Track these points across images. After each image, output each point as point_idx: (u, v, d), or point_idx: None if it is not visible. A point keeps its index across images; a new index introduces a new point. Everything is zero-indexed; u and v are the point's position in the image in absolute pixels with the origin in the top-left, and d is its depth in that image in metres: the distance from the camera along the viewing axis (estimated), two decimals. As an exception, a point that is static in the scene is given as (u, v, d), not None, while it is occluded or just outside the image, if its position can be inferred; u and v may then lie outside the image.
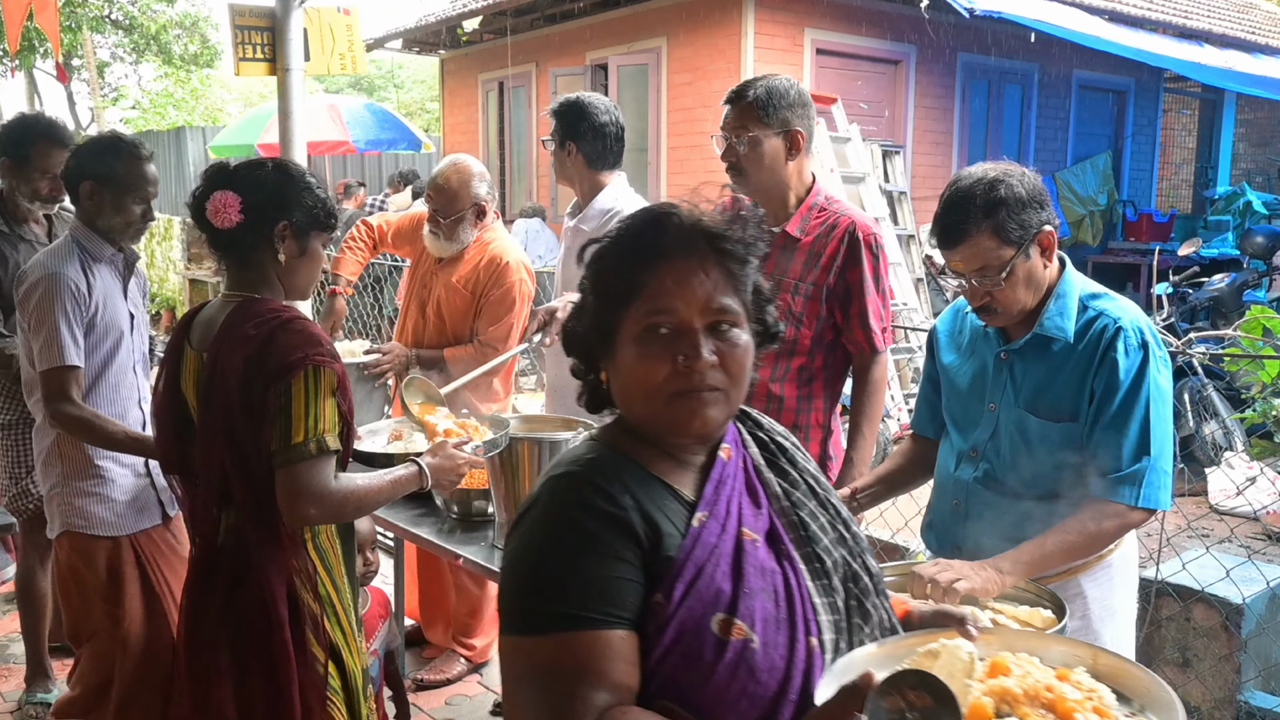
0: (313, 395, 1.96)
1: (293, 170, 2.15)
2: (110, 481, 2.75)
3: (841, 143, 8.85)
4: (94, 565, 2.72)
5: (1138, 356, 1.94)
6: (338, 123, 12.17)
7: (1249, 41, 11.38)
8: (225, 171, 2.08)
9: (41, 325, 2.62)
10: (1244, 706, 2.97)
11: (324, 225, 2.15)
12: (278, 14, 5.33)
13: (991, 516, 2.05)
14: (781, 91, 2.63)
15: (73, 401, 2.62)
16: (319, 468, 1.97)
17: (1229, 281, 8.88)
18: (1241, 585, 3.02)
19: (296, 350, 1.97)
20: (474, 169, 3.50)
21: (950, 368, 2.23)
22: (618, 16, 10.12)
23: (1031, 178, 1.98)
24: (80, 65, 18.77)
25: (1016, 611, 1.86)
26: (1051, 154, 11.41)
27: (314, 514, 2.00)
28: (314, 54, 5.59)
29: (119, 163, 2.72)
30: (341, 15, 5.74)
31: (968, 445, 2.14)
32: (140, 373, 2.91)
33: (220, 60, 19.74)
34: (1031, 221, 1.94)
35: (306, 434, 1.94)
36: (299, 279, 2.16)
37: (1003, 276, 1.94)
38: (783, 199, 2.69)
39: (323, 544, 2.16)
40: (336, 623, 2.16)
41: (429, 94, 27.13)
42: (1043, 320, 2.00)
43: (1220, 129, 13.65)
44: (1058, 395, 2.00)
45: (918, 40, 9.80)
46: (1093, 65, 11.16)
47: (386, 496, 2.18)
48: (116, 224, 2.76)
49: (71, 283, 2.65)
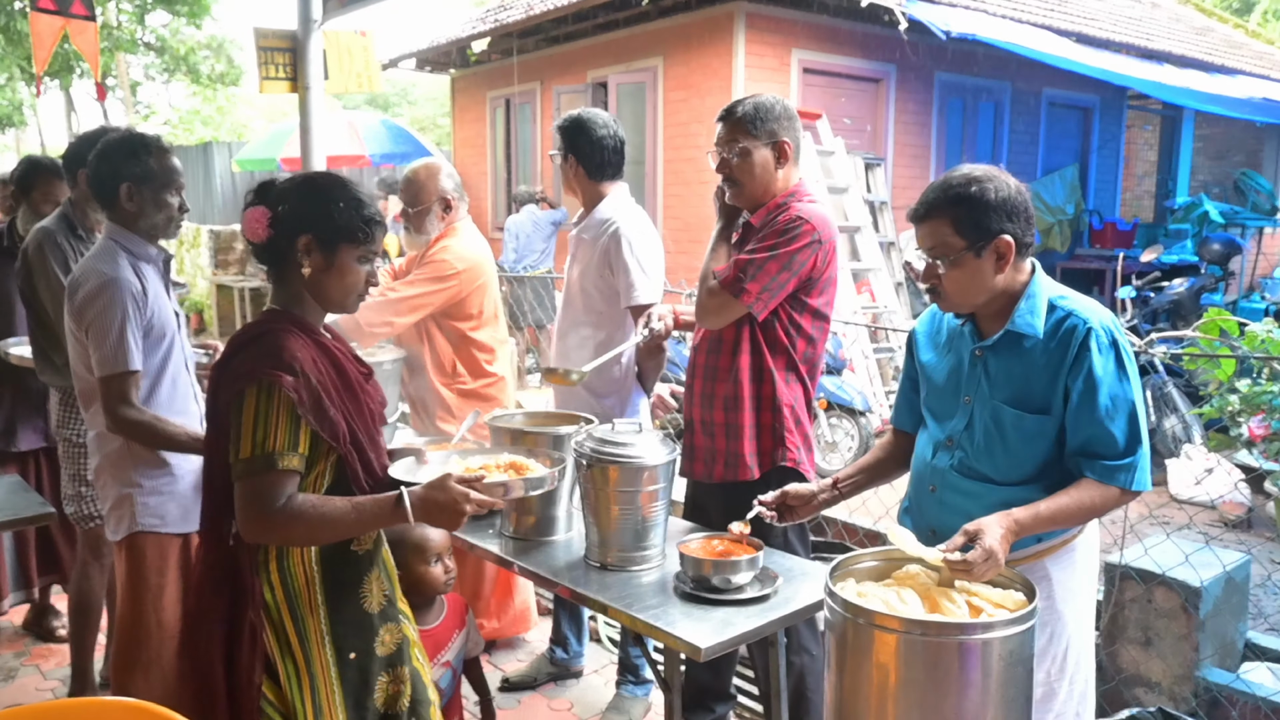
0: (263, 411, 1.80)
1: (321, 182, 1.96)
2: (180, 478, 2.66)
3: (826, 155, 8.85)
4: (167, 563, 2.64)
5: (1111, 354, 1.97)
6: (354, 137, 12.17)
7: (1206, 62, 11.39)
8: (264, 186, 1.95)
9: (106, 332, 2.48)
10: (1201, 682, 2.97)
11: (354, 238, 1.93)
12: (299, 36, 5.33)
13: (963, 500, 2.08)
14: (768, 106, 2.66)
15: (134, 405, 2.51)
16: (264, 485, 1.79)
17: (1188, 286, 8.88)
18: (1199, 569, 3.02)
19: (252, 362, 1.83)
20: (441, 167, 3.48)
21: (928, 365, 2.24)
22: (617, 38, 10.12)
23: (1013, 190, 2.00)
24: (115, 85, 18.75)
25: (990, 594, 1.87)
26: (1022, 167, 11.40)
27: (259, 533, 1.82)
28: (333, 73, 5.59)
29: (151, 159, 2.61)
30: (359, 37, 5.74)
31: (944, 435, 2.16)
32: (191, 369, 2.80)
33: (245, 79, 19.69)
34: (991, 225, 1.97)
35: (254, 449, 1.79)
36: (330, 293, 1.96)
37: (948, 262, 1.99)
38: (765, 203, 2.71)
39: (290, 567, 1.89)
40: (289, 654, 1.88)
41: (440, 110, 27.09)
42: (1014, 318, 2.02)
43: (1180, 144, 13.65)
44: (1030, 388, 2.02)
45: (898, 60, 9.80)
46: (1061, 84, 11.16)
47: (348, 527, 1.86)
48: (160, 220, 2.65)
49: (131, 286, 2.52)
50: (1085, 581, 2.15)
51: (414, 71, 13.54)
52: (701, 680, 2.96)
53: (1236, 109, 10.82)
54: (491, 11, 12.71)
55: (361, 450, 1.93)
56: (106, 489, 2.66)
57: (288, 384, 1.79)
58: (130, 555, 2.63)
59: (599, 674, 3.66)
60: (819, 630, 2.71)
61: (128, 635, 2.66)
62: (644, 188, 9.84)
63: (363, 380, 2.02)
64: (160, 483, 2.63)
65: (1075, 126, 12.19)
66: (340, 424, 1.87)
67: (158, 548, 2.63)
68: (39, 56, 5.62)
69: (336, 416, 1.86)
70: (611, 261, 3.10)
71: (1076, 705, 2.13)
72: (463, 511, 1.85)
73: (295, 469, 1.82)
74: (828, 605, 1.86)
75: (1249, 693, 2.89)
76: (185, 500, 2.67)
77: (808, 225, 2.61)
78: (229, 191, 14.39)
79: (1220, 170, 14.07)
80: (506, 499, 2.04)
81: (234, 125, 24.60)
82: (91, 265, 2.56)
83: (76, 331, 2.56)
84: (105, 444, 2.64)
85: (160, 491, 2.63)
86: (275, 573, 1.87)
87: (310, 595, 1.89)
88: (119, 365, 2.48)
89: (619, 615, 2.16)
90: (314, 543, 1.88)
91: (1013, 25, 9.11)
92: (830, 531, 4.08)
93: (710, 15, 9.09)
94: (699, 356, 2.82)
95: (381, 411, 2.08)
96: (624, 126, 3.27)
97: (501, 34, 11.05)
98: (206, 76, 19.30)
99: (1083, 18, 11.04)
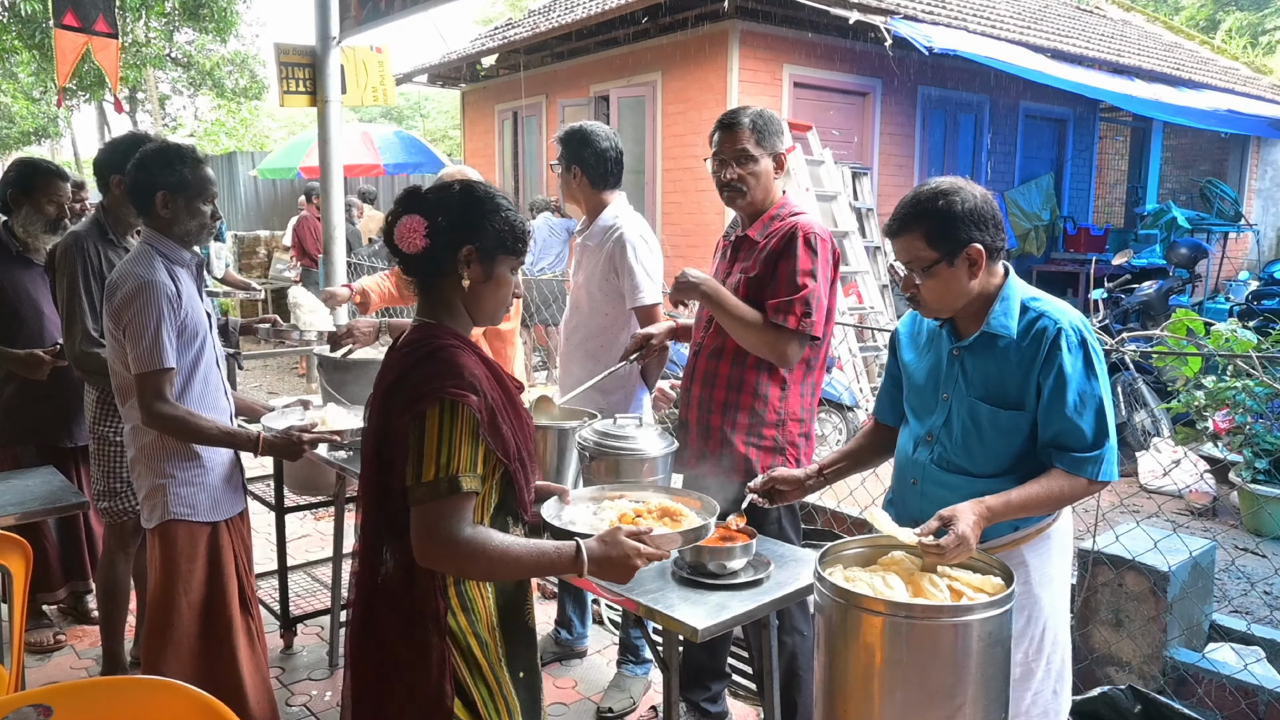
0: (447, 431, 1.64)
1: (480, 192, 1.80)
2: (210, 470, 2.69)
3: (816, 165, 8.85)
4: (196, 550, 2.66)
5: (1080, 353, 1.97)
6: (370, 148, 12.17)
7: (1174, 76, 11.38)
8: (414, 195, 1.79)
9: (142, 331, 2.49)
10: (1169, 661, 2.97)
11: (512, 249, 1.80)
12: (318, 52, 5.34)
13: (943, 492, 2.08)
14: (769, 118, 2.67)
15: (168, 401, 2.53)
16: (449, 510, 1.64)
17: (1157, 288, 8.88)
18: (1167, 555, 3.02)
19: (433, 381, 1.66)
20: (471, 175, 3.46)
21: (909, 364, 2.24)
22: (618, 54, 10.11)
23: (979, 200, 1.99)
24: (144, 98, 18.73)
25: (970, 579, 1.87)
26: (1001, 175, 11.41)
27: (438, 559, 1.66)
28: (350, 87, 5.60)
29: (186, 169, 2.60)
30: (374, 53, 5.74)
31: (924, 431, 2.16)
32: (222, 367, 2.81)
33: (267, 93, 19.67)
34: (961, 235, 1.96)
35: (438, 471, 1.63)
36: (485, 304, 1.82)
37: (922, 273, 1.99)
38: (761, 212, 2.71)
39: (468, 590, 1.74)
40: (480, 677, 1.74)
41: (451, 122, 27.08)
42: (989, 320, 2.02)
43: (1149, 153, 13.64)
44: (1004, 386, 2.02)
45: (883, 75, 9.79)
46: (1037, 97, 11.16)
47: (527, 568, 1.73)
48: (193, 227, 2.64)
49: (166, 289, 2.54)
50: (1060, 567, 2.14)
51: (426, 86, 13.52)
52: (698, 660, 2.96)
53: (1202, 121, 10.83)
54: (500, 29, 12.72)
55: (525, 466, 1.81)
56: (141, 479, 2.68)
57: (473, 404, 1.66)
58: (163, 542, 2.65)
59: (601, 654, 3.66)
60: (810, 612, 2.71)
61: (159, 617, 2.67)
62: (644, 196, 9.84)
63: (518, 395, 1.88)
64: (192, 474, 2.65)
65: (1050, 137, 12.19)
66: (511, 441, 1.75)
67: (189, 535, 2.65)
68: (61, 71, 5.62)
69: (507, 433, 1.74)
70: (617, 266, 3.09)
71: (1054, 684, 2.13)
72: (635, 567, 1.74)
73: (476, 490, 1.68)
74: (817, 589, 1.87)
75: (1214, 671, 2.90)
76: (215, 491, 2.70)
77: (824, 239, 2.63)
78: (252, 199, 14.38)
79: (1187, 179, 14.07)
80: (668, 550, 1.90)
81: (256, 136, 24.56)
82: (129, 269, 2.57)
83: (114, 331, 2.57)
84: (140, 437, 2.65)
85: (192, 482, 2.65)
86: (455, 596, 1.72)
87: (487, 616, 1.77)
88: (154, 363, 2.50)
89: (620, 599, 2.16)
90: (489, 578, 1.75)
91: (992, 42, 9.10)
92: (820, 520, 4.09)
93: (706, 33, 9.09)
94: (698, 363, 2.79)
95: (533, 427, 1.95)
96: (625, 138, 3.28)
97: (509, 50, 11.04)
98: (231, 90, 19.28)
99: (1057, 34, 11.04)
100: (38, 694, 1.60)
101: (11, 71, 17.69)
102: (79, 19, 5.52)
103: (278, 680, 3.45)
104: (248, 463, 2.96)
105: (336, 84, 5.37)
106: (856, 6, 8.24)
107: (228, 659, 2.71)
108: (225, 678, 2.67)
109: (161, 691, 1.65)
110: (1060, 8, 13.52)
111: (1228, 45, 16.96)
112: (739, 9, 8.59)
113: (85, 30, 5.57)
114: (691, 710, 3.00)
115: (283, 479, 3.66)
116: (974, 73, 9.89)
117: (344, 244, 5.66)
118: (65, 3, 5.49)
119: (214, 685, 2.11)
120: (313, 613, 3.83)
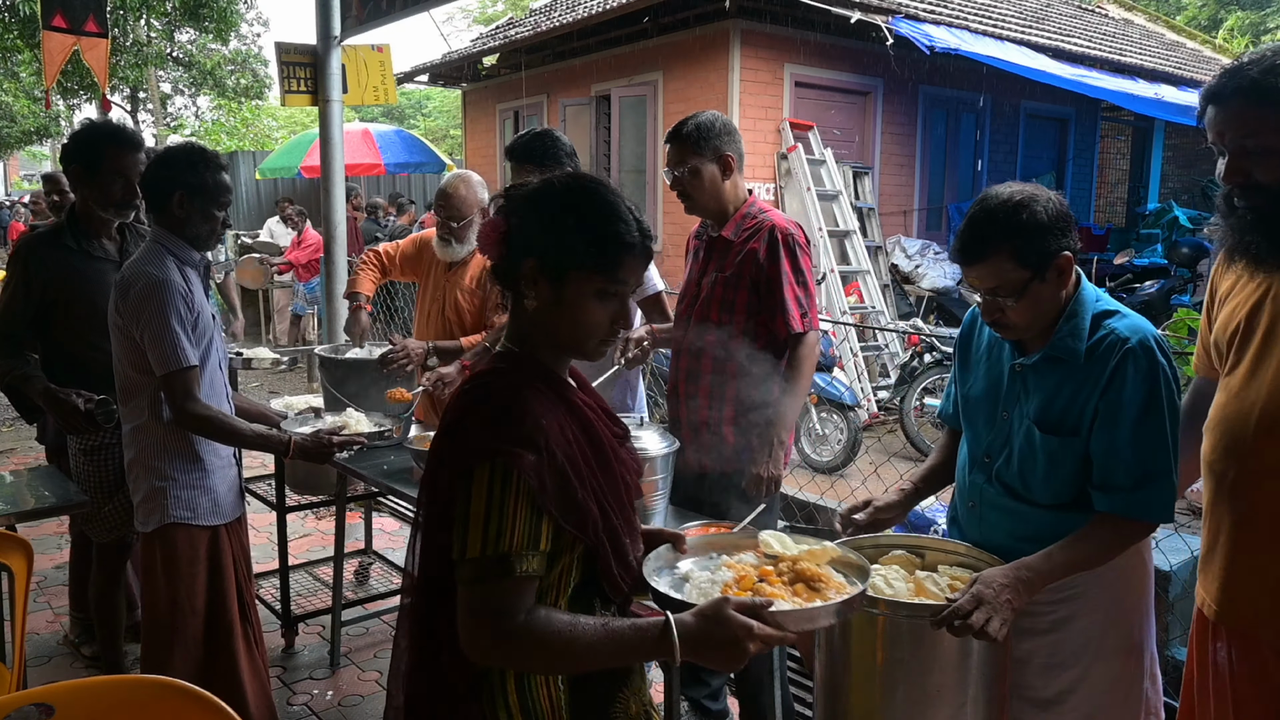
0: (497, 499, 1.30)
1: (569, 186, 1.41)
2: (211, 473, 2.65)
3: (817, 164, 8.85)
4: (197, 554, 2.62)
5: (1146, 376, 1.76)
6: (371, 147, 12.19)
7: (1176, 75, 11.37)
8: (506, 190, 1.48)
9: (162, 332, 2.45)
10: (1171, 660, 2.96)
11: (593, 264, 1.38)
12: (319, 52, 5.34)
13: (1002, 520, 1.91)
14: (709, 124, 2.73)
15: (198, 400, 2.50)
16: (499, 595, 1.30)
17: (1158, 287, 8.88)
18: (1169, 555, 3.02)
19: (484, 436, 1.33)
20: (477, 179, 3.49)
21: (968, 373, 2.06)
22: (619, 53, 10.11)
23: (1056, 203, 1.79)
24: (146, 98, 18.75)
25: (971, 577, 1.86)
26: (1002, 175, 11.39)
27: (484, 652, 1.32)
28: (351, 86, 5.61)
29: (207, 174, 2.57)
30: (376, 53, 5.74)
31: (981, 450, 1.97)
32: (224, 368, 2.77)
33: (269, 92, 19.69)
34: (1051, 247, 1.76)
35: (485, 547, 1.29)
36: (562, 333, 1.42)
37: (1015, 298, 1.77)
38: (723, 211, 2.77)
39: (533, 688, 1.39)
40: None
41: (452, 121, 27.09)
42: (1054, 340, 1.83)
43: (1150, 153, 13.64)
44: (1064, 411, 1.82)
45: (884, 74, 9.79)
46: (1038, 96, 11.15)
47: (602, 657, 1.33)
48: (203, 231, 2.61)
49: (180, 288, 2.50)
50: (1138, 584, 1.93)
51: (428, 85, 13.53)
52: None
53: (1204, 120, 10.79)
54: (501, 28, 12.72)
55: (616, 538, 1.42)
56: (139, 482, 2.63)
57: (528, 466, 1.30)
58: (163, 546, 2.61)
59: (602, 653, 3.65)
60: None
61: (161, 621, 2.64)
62: (645, 195, 9.83)
63: (617, 445, 1.50)
64: (193, 477, 2.62)
65: (1052, 137, 12.18)
66: (591, 510, 1.37)
67: (189, 539, 2.62)
68: (49, 72, 5.62)
69: (587, 501, 1.37)
70: None
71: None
72: (746, 652, 1.28)
73: (535, 573, 1.33)
74: (818, 589, 1.86)
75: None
76: (216, 494, 2.67)
77: (801, 234, 2.73)
78: (253, 198, 14.38)
79: (1189, 178, 14.06)
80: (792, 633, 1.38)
81: (257, 136, 24.57)
82: (140, 269, 2.52)
83: (125, 329, 2.52)
84: (140, 439, 2.61)
85: (193, 485, 2.61)
86: (514, 693, 1.38)
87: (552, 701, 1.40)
88: (176, 362, 2.47)
89: (621, 598, 2.15)
90: (553, 672, 1.40)
91: (993, 41, 9.10)
92: (820, 520, 4.09)
93: (707, 32, 9.08)
94: (682, 360, 2.83)
95: (638, 483, 1.56)
96: (626, 137, 3.30)
97: (510, 49, 11.04)
98: (232, 89, 19.29)
99: (1059, 34, 11.03)
100: (39, 693, 1.60)
101: (12, 71, 17.69)
102: (67, 20, 5.53)
103: (279, 680, 3.45)
104: (248, 462, 2.95)
105: (338, 83, 5.37)
106: (858, 6, 8.24)
107: (227, 666, 2.68)
108: (226, 685, 2.63)
109: (163, 691, 1.65)
110: (1062, 7, 13.52)
111: (1229, 44, 16.94)
112: (740, 8, 8.59)
113: (74, 31, 5.57)
114: (692, 708, 3.00)
115: (284, 478, 3.66)
116: (975, 72, 9.88)
117: (346, 244, 5.66)
118: (55, 4, 5.50)
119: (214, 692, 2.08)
120: (314, 612, 3.83)
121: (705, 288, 2.77)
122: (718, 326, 2.71)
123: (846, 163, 9.37)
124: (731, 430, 2.71)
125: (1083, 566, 1.78)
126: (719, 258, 2.76)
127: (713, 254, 2.79)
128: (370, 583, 4.27)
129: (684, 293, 2.88)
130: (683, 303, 2.87)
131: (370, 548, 4.46)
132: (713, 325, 2.72)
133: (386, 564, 4.34)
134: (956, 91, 10.60)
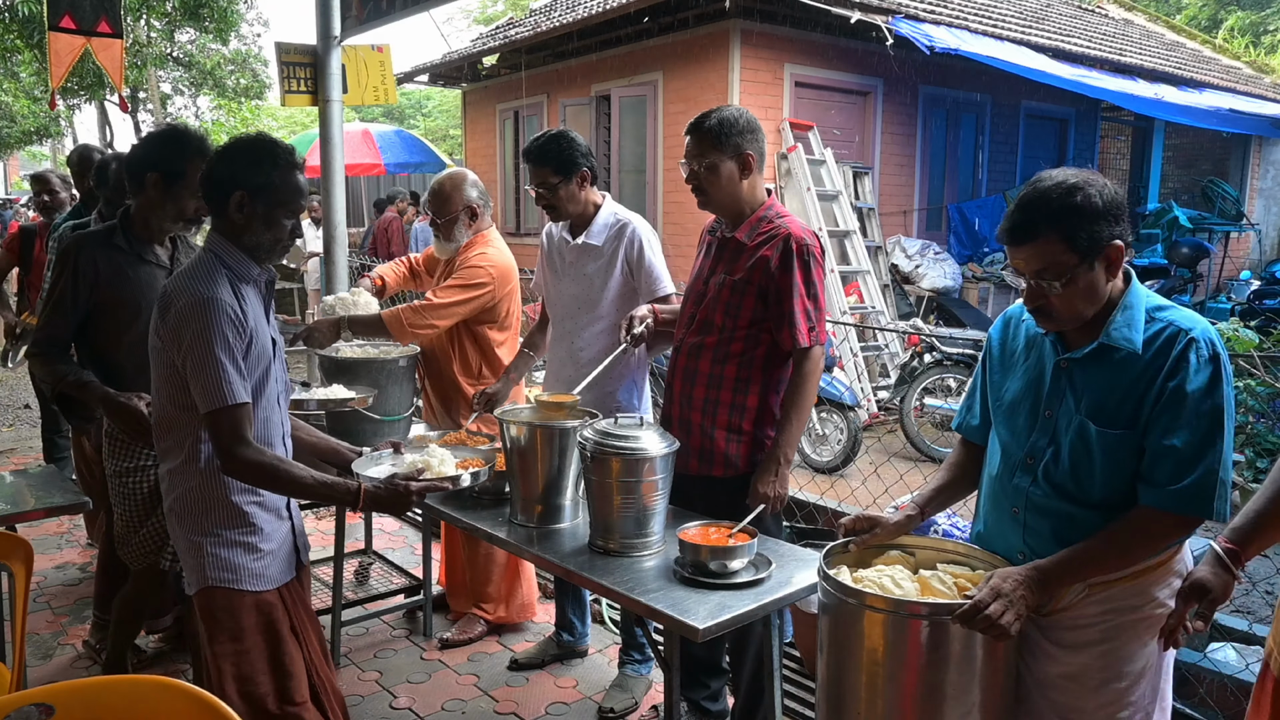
0: None
1: None
2: (258, 529, 2.19)
3: (817, 164, 8.85)
4: (238, 622, 2.15)
5: (1209, 369, 1.71)
6: (371, 147, 12.20)
7: (1176, 75, 11.37)
8: None
9: (204, 361, 2.03)
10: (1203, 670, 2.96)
11: None
12: (319, 52, 5.34)
13: (1050, 523, 1.84)
14: (732, 120, 2.66)
15: (249, 444, 2.06)
16: None
17: (1158, 287, 8.89)
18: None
19: None
20: (467, 176, 3.48)
21: (1002, 375, 1.99)
22: (619, 53, 10.11)
23: (1111, 190, 1.75)
24: (146, 98, 18.73)
25: (975, 577, 1.87)
26: (1002, 175, 11.40)
27: None
28: (351, 87, 5.60)
29: (275, 172, 2.13)
30: (376, 53, 5.74)
31: (1022, 453, 1.89)
32: (285, 405, 2.31)
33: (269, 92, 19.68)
34: (1103, 235, 1.72)
35: None
36: None
37: (1062, 282, 1.73)
38: (739, 212, 2.72)
39: None
40: None
41: (452, 122, 27.08)
42: (1109, 330, 1.77)
43: (1150, 153, 13.64)
44: (1121, 404, 1.76)
45: (884, 74, 9.79)
46: (1039, 96, 11.15)
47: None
48: (265, 241, 2.16)
49: (229, 309, 2.07)
50: None
51: (428, 85, 13.53)
52: (697, 654, 2.96)
53: (1204, 120, 10.82)
54: (501, 28, 12.72)
55: None
56: (175, 534, 2.23)
57: None
58: (202, 613, 2.19)
59: (602, 654, 3.66)
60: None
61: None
62: (645, 194, 9.84)
63: None
64: (234, 533, 2.17)
65: (1052, 137, 12.18)
66: None
67: (228, 606, 2.15)
68: (56, 73, 5.61)
69: None
70: (633, 262, 3.10)
71: None
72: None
73: None
74: (822, 589, 1.86)
75: (1215, 671, 2.89)
76: (262, 553, 2.20)
77: (817, 244, 2.67)
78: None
79: (1189, 178, 14.07)
80: None
81: (258, 136, 24.53)
82: (184, 284, 2.10)
83: (165, 353, 2.12)
84: (177, 483, 2.18)
85: (233, 543, 2.16)
86: None
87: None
88: (222, 399, 2.04)
89: (622, 598, 2.16)
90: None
91: (993, 41, 9.10)
92: (820, 520, 4.08)
93: (708, 32, 9.08)
94: (679, 359, 2.81)
95: None
96: (626, 137, 3.29)
97: (510, 49, 11.05)
98: (232, 90, 19.28)
99: (1059, 34, 11.04)
100: (39, 693, 1.60)
101: (13, 71, 17.69)
102: (76, 21, 5.53)
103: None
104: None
105: (338, 83, 5.37)
106: (858, 6, 8.24)
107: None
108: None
109: (163, 691, 1.65)
110: (1062, 7, 13.53)
111: (1229, 44, 16.94)
112: (740, 8, 8.59)
113: (83, 32, 5.57)
114: (692, 709, 2.99)
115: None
116: (975, 72, 9.89)
117: (346, 244, 5.66)
118: (63, 6, 5.49)
119: None
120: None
121: (712, 288, 2.72)
122: (719, 330, 2.70)
123: (846, 163, 9.37)
124: (723, 435, 2.69)
125: (1107, 566, 1.76)
126: (729, 259, 2.71)
127: (723, 254, 2.74)
128: (370, 583, 4.27)
129: (690, 288, 2.85)
130: (688, 299, 2.85)
131: (370, 548, 4.46)
132: (715, 328, 2.71)
133: (386, 564, 4.34)
134: (956, 91, 10.61)
